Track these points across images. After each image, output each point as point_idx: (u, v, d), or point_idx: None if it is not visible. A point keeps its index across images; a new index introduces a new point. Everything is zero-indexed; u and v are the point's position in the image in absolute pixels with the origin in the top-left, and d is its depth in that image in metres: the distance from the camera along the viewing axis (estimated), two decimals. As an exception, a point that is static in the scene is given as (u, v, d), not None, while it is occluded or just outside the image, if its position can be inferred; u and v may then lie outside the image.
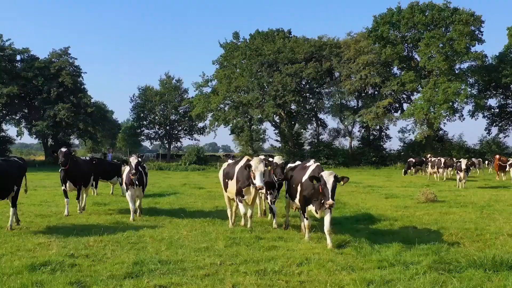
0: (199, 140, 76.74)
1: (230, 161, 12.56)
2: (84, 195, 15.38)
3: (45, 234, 10.22)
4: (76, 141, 79.68)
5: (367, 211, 15.01)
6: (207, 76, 63.19)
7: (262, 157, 11.71)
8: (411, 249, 8.83)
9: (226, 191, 11.87)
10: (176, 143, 78.15)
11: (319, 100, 60.35)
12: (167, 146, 77.23)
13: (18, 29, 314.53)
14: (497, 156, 34.56)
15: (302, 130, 64.83)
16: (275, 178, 11.15)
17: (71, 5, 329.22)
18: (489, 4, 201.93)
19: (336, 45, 57.79)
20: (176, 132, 76.57)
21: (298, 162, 12.51)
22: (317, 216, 9.78)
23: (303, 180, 9.90)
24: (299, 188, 10.01)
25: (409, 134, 58.18)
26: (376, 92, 58.45)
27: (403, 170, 42.06)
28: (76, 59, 62.56)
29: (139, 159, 13.07)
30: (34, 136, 63.63)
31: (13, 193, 10.99)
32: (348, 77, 55.72)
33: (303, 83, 58.33)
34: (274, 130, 64.68)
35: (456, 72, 52.68)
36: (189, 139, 77.35)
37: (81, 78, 61.95)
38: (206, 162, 59.62)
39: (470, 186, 25.79)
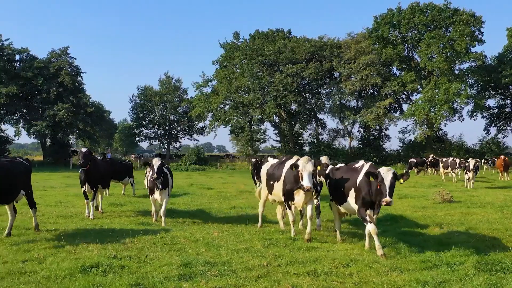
0: (198, 140, 76.74)
1: (271, 160, 12.03)
2: (100, 197, 15.15)
3: (76, 235, 10.11)
4: (73, 141, 79.18)
5: (387, 212, 14.99)
6: (207, 76, 63.23)
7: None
8: (448, 250, 8.81)
9: (271, 193, 11.16)
10: (175, 143, 77.96)
11: (319, 100, 60.44)
12: (166, 146, 77.01)
13: (17, 30, 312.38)
14: (502, 157, 34.71)
15: (301, 130, 64.90)
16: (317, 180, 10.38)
17: (70, 5, 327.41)
18: (488, 5, 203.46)
19: (336, 45, 57.90)
20: (175, 132, 76.40)
21: (341, 164, 11.66)
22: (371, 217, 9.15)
23: (358, 182, 9.35)
24: (352, 191, 9.44)
25: (409, 135, 58.42)
26: (375, 92, 58.62)
27: (405, 170, 42.23)
28: (75, 59, 62.35)
29: (162, 161, 12.35)
30: (33, 136, 63.23)
31: (22, 196, 10.45)
32: (348, 77, 55.86)
33: (303, 83, 58.34)
34: (273, 130, 64.71)
35: (456, 72, 52.95)
36: (188, 139, 77.35)
37: (80, 78, 61.55)
38: (206, 162, 59.57)
39: (478, 187, 25.91)
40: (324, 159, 15.77)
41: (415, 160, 42.58)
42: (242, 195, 21.82)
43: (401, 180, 8.81)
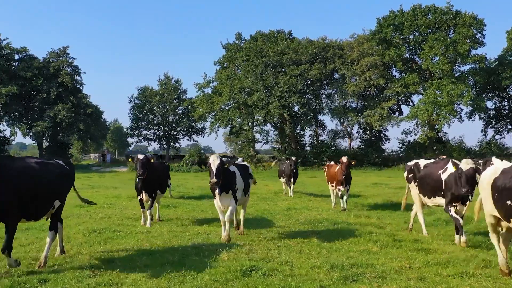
0: (197, 141, 76.46)
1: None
2: (158, 205, 14.01)
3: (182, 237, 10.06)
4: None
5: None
6: (209, 77, 63.07)
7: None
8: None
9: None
10: (174, 144, 77.53)
11: (321, 102, 60.75)
12: (165, 147, 76.57)
13: (17, 30, 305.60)
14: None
15: (301, 131, 65.06)
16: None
17: (68, 5, 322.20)
18: (488, 7, 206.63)
19: (339, 46, 58.30)
20: (174, 133, 75.98)
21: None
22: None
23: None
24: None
25: (411, 136, 59.03)
26: (375, 93, 59.17)
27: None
28: (75, 58, 61.72)
29: (222, 159, 9.84)
30: (28, 136, 62.41)
31: (52, 210, 8.09)
32: (351, 78, 56.30)
33: (307, 84, 58.53)
34: (274, 131, 64.74)
35: (458, 74, 53.74)
36: (188, 140, 77.04)
37: (80, 78, 60.94)
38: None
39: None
40: (344, 159, 16.05)
41: (423, 161, 43.03)
42: (279, 196, 21.80)
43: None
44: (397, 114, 61.03)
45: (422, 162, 10.94)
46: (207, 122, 64.35)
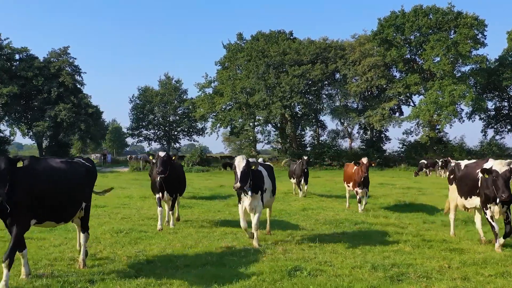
0: (198, 141, 76.40)
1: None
2: (176, 205, 13.08)
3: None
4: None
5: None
6: (210, 77, 63.05)
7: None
8: None
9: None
10: (175, 144, 77.44)
11: (323, 102, 60.90)
12: (166, 147, 76.42)
13: (17, 30, 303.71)
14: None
15: (302, 132, 65.12)
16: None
17: (68, 5, 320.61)
18: (488, 8, 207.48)
19: (340, 47, 58.44)
20: (175, 133, 75.91)
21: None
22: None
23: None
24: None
25: (412, 136, 59.21)
26: (376, 94, 59.36)
27: (415, 171, 42.83)
28: (75, 58, 61.40)
29: (249, 161, 9.42)
30: (27, 136, 62.20)
31: (81, 212, 7.85)
32: (352, 79, 56.45)
33: (309, 84, 58.62)
34: (274, 131, 64.77)
35: (459, 75, 53.98)
36: (188, 140, 76.97)
37: (81, 78, 60.79)
38: (209, 163, 59.24)
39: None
40: (365, 160, 16.07)
41: (425, 162, 43.21)
42: (290, 196, 21.82)
43: None
44: (397, 114, 61.25)
45: (463, 163, 10.65)
46: (208, 122, 64.31)
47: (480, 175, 9.25)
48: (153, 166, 18.39)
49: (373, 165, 16.23)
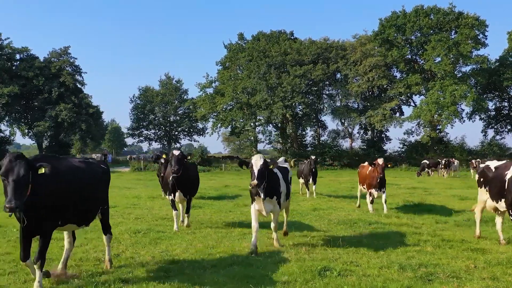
0: (198, 141, 76.39)
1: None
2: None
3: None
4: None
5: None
6: (211, 77, 63.11)
7: None
8: None
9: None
10: (175, 144, 77.43)
11: (324, 102, 60.99)
12: (166, 147, 76.40)
13: (17, 30, 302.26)
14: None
15: (303, 132, 65.20)
16: None
17: (69, 5, 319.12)
18: (489, 9, 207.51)
19: (341, 47, 58.54)
20: (175, 133, 75.91)
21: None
22: None
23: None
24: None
25: (413, 136, 59.38)
26: (377, 94, 59.49)
27: (417, 171, 42.89)
28: (76, 58, 61.45)
29: (266, 160, 9.00)
30: (28, 136, 62.08)
31: (99, 214, 7.66)
32: (353, 79, 56.57)
33: (310, 84, 58.70)
34: (275, 131, 64.79)
35: (459, 75, 54.15)
36: (189, 140, 76.99)
37: (81, 78, 60.76)
38: (210, 163, 59.24)
39: None
40: (380, 161, 16.04)
41: (428, 162, 43.24)
42: (297, 196, 21.81)
43: None
44: (398, 114, 61.43)
45: (492, 164, 10.24)
46: (209, 123, 64.34)
47: (508, 176, 8.98)
48: (161, 166, 18.43)
49: (389, 166, 16.18)
